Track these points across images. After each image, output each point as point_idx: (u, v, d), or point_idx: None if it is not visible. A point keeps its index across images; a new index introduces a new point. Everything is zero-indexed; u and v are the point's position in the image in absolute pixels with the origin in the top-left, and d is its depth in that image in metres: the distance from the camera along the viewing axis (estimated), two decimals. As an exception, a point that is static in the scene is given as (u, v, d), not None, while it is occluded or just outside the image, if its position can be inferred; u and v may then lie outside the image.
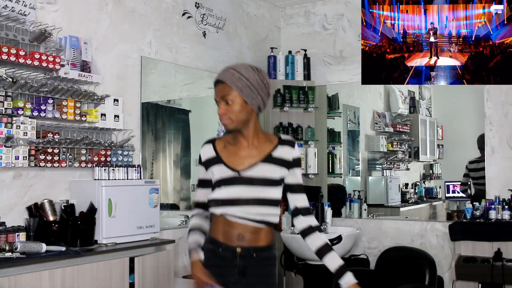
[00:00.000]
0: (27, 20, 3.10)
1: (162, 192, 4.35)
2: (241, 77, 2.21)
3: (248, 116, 2.25)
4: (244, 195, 2.23)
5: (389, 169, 6.13)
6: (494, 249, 3.90)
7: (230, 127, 2.25)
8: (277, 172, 2.25)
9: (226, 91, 2.21)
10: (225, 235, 2.27)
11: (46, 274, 2.74)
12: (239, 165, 2.26)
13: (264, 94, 2.26)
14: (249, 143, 2.29)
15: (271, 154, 2.27)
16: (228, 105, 2.21)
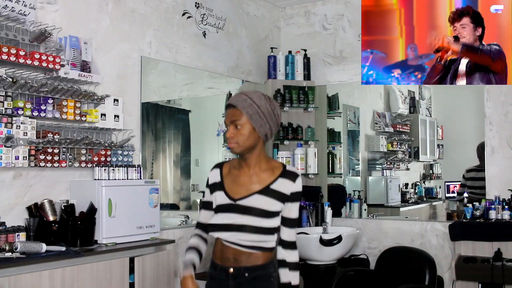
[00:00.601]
0: (27, 20, 3.10)
1: (162, 192, 4.35)
2: (252, 104, 2.27)
3: (255, 142, 2.30)
4: (238, 222, 2.27)
5: (389, 169, 6.13)
6: (494, 249, 3.89)
7: (236, 151, 2.29)
8: (273, 205, 2.28)
9: (236, 116, 2.26)
10: (221, 257, 2.36)
11: (46, 274, 2.74)
12: (237, 193, 2.31)
13: (273, 124, 2.32)
14: (251, 171, 2.33)
15: (269, 186, 2.30)
16: (237, 130, 2.26)
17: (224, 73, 4.75)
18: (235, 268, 2.30)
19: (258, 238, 2.27)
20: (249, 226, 2.26)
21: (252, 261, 2.29)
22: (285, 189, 2.29)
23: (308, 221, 4.83)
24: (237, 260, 2.30)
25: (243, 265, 2.29)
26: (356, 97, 5.88)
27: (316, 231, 4.56)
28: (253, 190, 2.30)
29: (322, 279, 4.27)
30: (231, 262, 2.32)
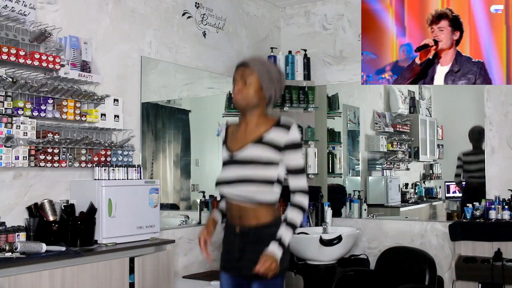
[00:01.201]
0: (27, 20, 3.10)
1: (162, 192, 4.35)
2: (264, 65, 2.43)
3: (259, 101, 2.42)
4: (236, 174, 2.38)
5: (389, 169, 6.13)
6: (494, 249, 3.90)
7: (240, 103, 2.43)
8: (266, 154, 2.35)
9: (246, 73, 2.42)
10: (229, 215, 2.47)
11: (46, 274, 2.74)
12: (233, 147, 2.44)
13: (278, 89, 2.44)
14: (249, 126, 2.44)
15: (262, 136, 2.39)
16: (245, 85, 2.40)
17: (224, 73, 4.75)
18: (241, 227, 2.39)
19: (256, 188, 2.34)
20: (246, 176, 2.34)
21: (255, 219, 2.37)
22: (279, 138, 2.37)
23: (308, 221, 4.83)
24: (242, 218, 2.39)
25: (248, 224, 2.38)
26: (356, 97, 5.88)
27: (316, 231, 4.56)
28: (247, 142, 2.40)
29: (322, 279, 4.26)
30: (237, 220, 2.41)
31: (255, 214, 2.37)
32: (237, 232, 2.40)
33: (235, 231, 2.41)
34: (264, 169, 2.34)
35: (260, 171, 2.34)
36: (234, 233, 2.42)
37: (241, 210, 2.39)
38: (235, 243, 2.41)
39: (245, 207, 2.37)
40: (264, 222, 2.37)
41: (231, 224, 2.45)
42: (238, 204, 2.38)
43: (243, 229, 2.39)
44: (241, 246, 2.38)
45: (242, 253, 2.38)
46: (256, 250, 2.33)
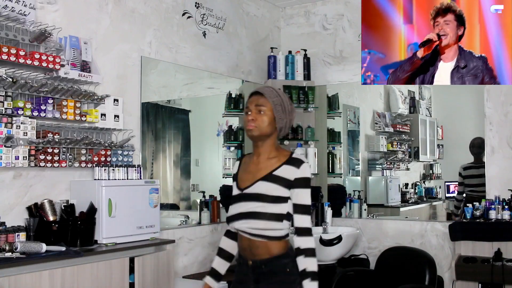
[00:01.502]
0: (27, 20, 3.10)
1: (162, 192, 4.36)
2: (278, 96, 2.43)
3: (271, 132, 2.42)
4: (246, 210, 2.37)
5: (389, 169, 6.13)
6: (494, 249, 3.90)
7: (254, 133, 2.40)
8: (277, 190, 2.35)
9: (261, 102, 2.40)
10: (241, 249, 2.47)
11: (46, 274, 2.74)
12: (244, 182, 2.44)
13: (288, 121, 2.45)
14: (260, 159, 2.44)
15: (272, 172, 2.38)
16: (260, 115, 2.39)
17: (224, 73, 4.75)
18: (253, 261, 2.39)
19: (266, 225, 2.33)
20: (256, 212, 2.34)
21: (267, 252, 2.36)
22: (289, 175, 2.36)
23: (308, 221, 4.82)
24: (253, 252, 2.38)
25: (259, 257, 2.37)
26: (356, 97, 5.88)
27: (316, 231, 4.56)
28: (258, 177, 2.39)
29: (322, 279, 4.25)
30: (249, 254, 2.41)
31: (266, 248, 2.37)
32: (249, 265, 2.40)
33: (247, 265, 2.41)
34: (272, 205, 2.33)
35: (270, 208, 2.33)
36: (246, 266, 2.42)
37: (251, 245, 2.38)
38: (249, 276, 2.42)
39: (255, 243, 2.37)
40: (275, 254, 2.36)
41: (243, 257, 2.45)
42: (249, 239, 2.38)
43: (254, 262, 2.39)
44: (255, 278, 2.39)
45: (257, 285, 2.39)
46: (269, 281, 2.36)
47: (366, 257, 4.76)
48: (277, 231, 2.35)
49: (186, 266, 4.19)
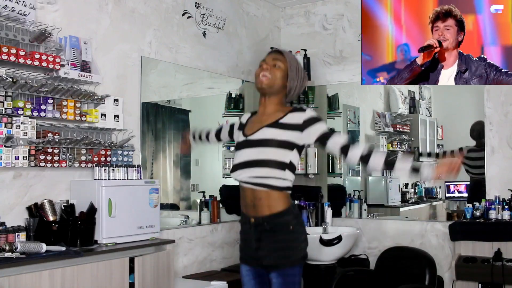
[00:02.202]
0: (27, 20, 3.10)
1: (162, 192, 4.35)
2: (295, 59, 2.55)
3: (281, 87, 2.50)
4: (246, 157, 2.44)
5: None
6: (494, 249, 3.90)
7: (264, 83, 2.49)
8: (284, 135, 2.40)
9: (279, 58, 2.51)
10: (243, 205, 2.51)
11: (46, 274, 2.74)
12: (249, 130, 2.51)
13: (299, 85, 2.52)
14: (266, 111, 2.51)
15: (278, 120, 2.45)
16: (275, 68, 2.49)
17: (224, 73, 4.75)
18: (255, 218, 2.43)
19: (268, 172, 2.37)
20: (259, 160, 2.39)
21: (269, 208, 2.39)
22: (296, 120, 2.43)
23: (308, 221, 4.83)
24: (256, 207, 2.41)
25: (261, 214, 2.41)
26: (356, 97, 5.87)
27: (316, 231, 4.56)
28: (263, 125, 2.47)
29: (322, 279, 4.26)
30: (251, 211, 2.44)
31: (268, 203, 2.39)
32: (251, 222, 2.44)
33: (250, 222, 2.45)
34: (276, 151, 2.38)
35: (271, 153, 2.38)
36: (249, 224, 2.46)
37: (255, 198, 2.41)
38: (251, 234, 2.45)
39: (258, 195, 2.40)
40: (277, 211, 2.39)
41: (246, 215, 2.49)
42: (252, 190, 2.41)
43: (257, 219, 2.42)
44: (257, 236, 2.42)
45: (259, 243, 2.41)
46: (272, 239, 2.38)
47: (366, 257, 4.76)
48: (279, 180, 2.37)
49: (186, 266, 4.19)
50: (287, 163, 2.39)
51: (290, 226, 2.39)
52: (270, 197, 2.38)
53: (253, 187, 2.41)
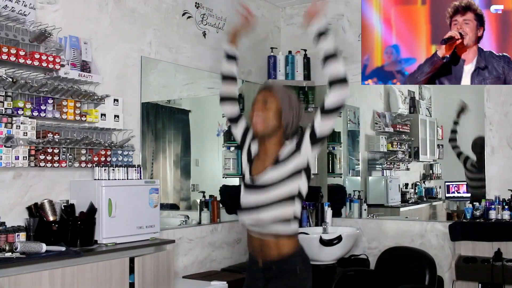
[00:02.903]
0: (27, 20, 3.10)
1: (162, 192, 4.35)
2: (286, 92, 2.46)
3: (277, 127, 2.42)
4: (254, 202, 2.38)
5: (389, 169, 6.13)
6: (494, 249, 3.90)
7: (259, 127, 2.41)
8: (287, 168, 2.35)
9: (268, 96, 2.42)
10: (252, 250, 2.49)
11: (46, 274, 2.74)
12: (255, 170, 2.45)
13: (295, 118, 2.45)
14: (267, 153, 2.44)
15: (278, 158, 2.40)
16: (266, 109, 2.40)
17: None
18: (264, 262, 2.40)
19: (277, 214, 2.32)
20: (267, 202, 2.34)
21: (278, 252, 2.36)
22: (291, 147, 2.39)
23: (308, 221, 4.83)
24: (264, 250, 2.39)
25: (270, 258, 2.38)
26: (356, 97, 5.87)
27: (316, 231, 4.56)
28: (266, 166, 2.41)
29: (322, 279, 4.26)
30: (260, 255, 2.42)
31: (277, 248, 2.36)
32: (260, 266, 2.42)
33: (258, 265, 2.43)
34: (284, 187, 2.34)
35: (281, 191, 2.34)
36: (257, 266, 2.44)
37: (263, 244, 2.40)
38: (259, 276, 2.43)
39: (265, 241, 2.38)
40: (286, 253, 2.36)
41: (254, 257, 2.47)
42: (259, 239, 2.40)
43: (265, 263, 2.40)
44: (266, 278, 2.40)
45: (267, 286, 2.40)
46: (280, 282, 2.36)
47: (366, 257, 4.76)
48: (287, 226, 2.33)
49: (186, 266, 4.19)
50: (295, 194, 2.36)
51: (297, 269, 2.37)
52: (279, 243, 2.37)
53: (261, 237, 2.39)
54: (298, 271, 2.37)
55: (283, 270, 2.37)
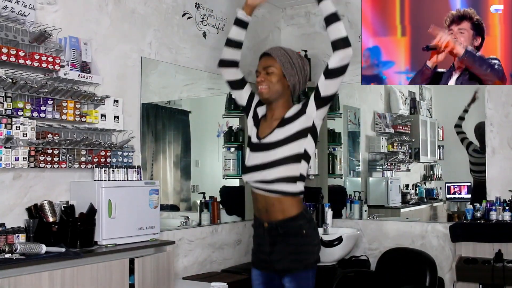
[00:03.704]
0: (27, 21, 3.10)
1: (162, 193, 4.35)
2: (285, 54, 2.47)
3: (283, 90, 2.45)
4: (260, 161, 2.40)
5: (390, 170, 6.12)
6: (494, 250, 3.89)
7: (265, 94, 2.45)
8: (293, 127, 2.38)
9: (269, 62, 2.48)
10: (256, 209, 2.49)
11: (45, 276, 2.73)
12: (262, 133, 2.48)
13: (302, 77, 2.47)
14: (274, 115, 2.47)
15: (283, 117, 2.43)
16: (268, 75, 2.44)
17: (224, 74, 4.74)
18: (269, 223, 2.41)
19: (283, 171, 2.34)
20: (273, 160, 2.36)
21: (282, 213, 2.37)
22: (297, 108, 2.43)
23: (309, 222, 4.81)
24: (269, 212, 2.40)
25: (275, 219, 2.39)
26: (357, 98, 5.87)
27: (316, 232, 4.55)
28: (273, 127, 2.43)
29: (322, 280, 4.25)
30: (264, 216, 2.43)
31: (281, 208, 2.37)
32: (265, 227, 2.42)
33: (264, 227, 2.43)
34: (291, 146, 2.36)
35: (287, 150, 2.35)
36: (262, 228, 2.44)
37: (267, 204, 2.40)
38: (265, 238, 2.43)
39: (270, 201, 2.38)
40: (290, 215, 2.38)
41: (259, 219, 2.47)
42: (264, 196, 2.40)
43: (270, 224, 2.40)
44: (271, 240, 2.40)
45: (273, 247, 2.39)
46: (286, 243, 2.36)
47: (367, 258, 4.75)
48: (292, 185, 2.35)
49: (186, 267, 4.18)
50: (302, 153, 2.38)
51: (303, 230, 2.38)
52: (283, 203, 2.37)
53: (265, 193, 2.39)
54: (304, 232, 2.38)
55: (289, 231, 2.37)
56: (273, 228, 2.40)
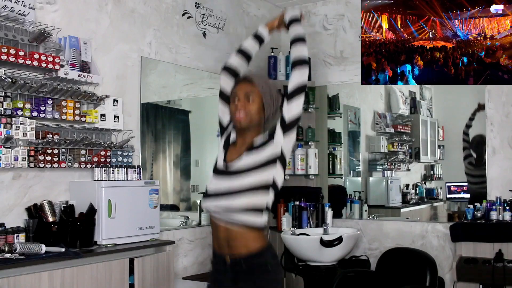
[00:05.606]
0: (26, 20, 3.09)
1: (162, 193, 4.34)
2: (267, 83, 2.37)
3: (259, 121, 2.33)
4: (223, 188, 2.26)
5: (390, 169, 6.11)
6: (495, 250, 3.89)
7: (243, 122, 2.30)
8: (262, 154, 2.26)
9: (250, 89, 2.32)
10: (217, 245, 2.31)
11: (45, 275, 2.73)
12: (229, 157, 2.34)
13: (274, 109, 2.35)
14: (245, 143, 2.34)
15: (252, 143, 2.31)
16: (248, 103, 2.30)
17: (224, 74, 4.73)
18: (231, 257, 2.25)
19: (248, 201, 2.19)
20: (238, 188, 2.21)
21: (246, 247, 2.22)
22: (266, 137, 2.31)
23: (309, 222, 4.81)
24: (231, 246, 2.24)
25: (238, 253, 2.23)
26: (357, 97, 5.86)
27: (316, 232, 4.55)
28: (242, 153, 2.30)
29: (322, 280, 4.25)
30: (226, 250, 2.26)
31: (244, 242, 2.22)
32: (227, 262, 2.27)
33: (225, 262, 2.27)
34: (259, 174, 2.23)
35: (254, 177, 2.22)
36: (224, 264, 2.28)
37: (229, 237, 2.24)
38: (227, 274, 2.27)
39: (233, 233, 2.22)
40: (254, 250, 2.22)
41: (219, 254, 2.31)
42: (226, 227, 2.24)
43: (234, 260, 2.24)
44: (234, 277, 2.25)
45: (235, 285, 2.25)
46: (251, 281, 2.22)
47: (367, 258, 4.75)
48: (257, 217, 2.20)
49: (186, 267, 4.18)
50: (270, 182, 2.24)
51: (268, 267, 2.23)
52: (247, 237, 2.22)
53: (227, 225, 2.23)
54: (270, 268, 2.24)
55: (253, 267, 2.22)
56: (237, 263, 2.23)
